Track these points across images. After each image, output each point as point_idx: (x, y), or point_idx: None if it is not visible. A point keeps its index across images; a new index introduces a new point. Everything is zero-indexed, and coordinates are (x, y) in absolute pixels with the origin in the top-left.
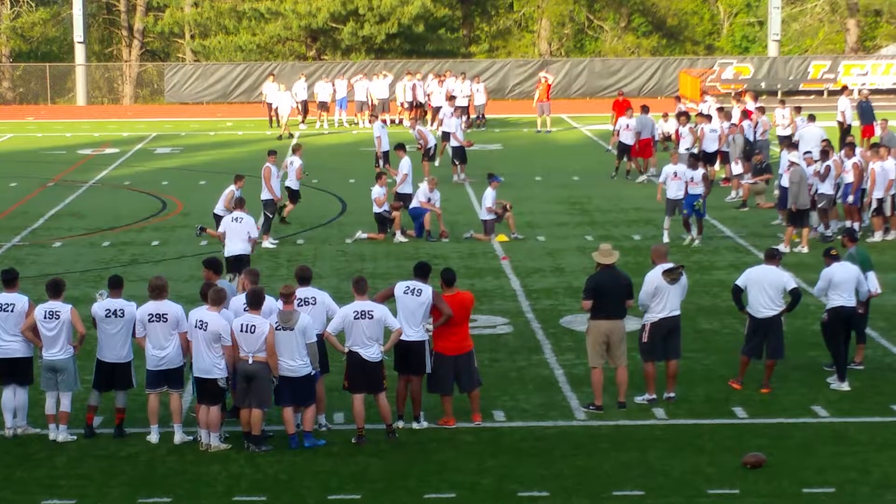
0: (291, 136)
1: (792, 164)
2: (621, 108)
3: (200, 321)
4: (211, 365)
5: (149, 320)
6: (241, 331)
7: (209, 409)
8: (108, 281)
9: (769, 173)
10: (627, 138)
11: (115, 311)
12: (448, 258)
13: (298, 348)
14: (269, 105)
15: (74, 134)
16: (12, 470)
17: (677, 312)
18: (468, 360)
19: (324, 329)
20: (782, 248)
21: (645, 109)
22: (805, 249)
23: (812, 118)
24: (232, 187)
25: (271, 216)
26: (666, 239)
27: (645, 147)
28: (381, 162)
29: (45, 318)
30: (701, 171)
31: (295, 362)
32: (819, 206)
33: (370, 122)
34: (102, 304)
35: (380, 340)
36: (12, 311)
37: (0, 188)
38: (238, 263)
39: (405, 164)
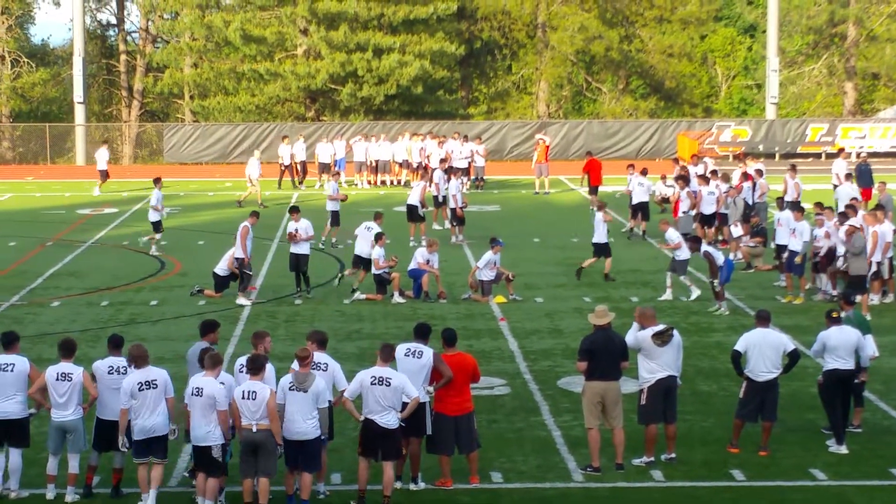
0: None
1: (854, 229)
2: (594, 167)
3: (197, 388)
4: (206, 432)
5: (139, 389)
6: (243, 398)
7: (206, 478)
8: (110, 340)
9: (763, 237)
10: (640, 196)
11: (118, 368)
12: (446, 319)
13: (310, 411)
14: (287, 166)
15: (73, 193)
16: None
17: (674, 373)
18: (469, 422)
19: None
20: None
21: (644, 172)
22: (868, 316)
23: (849, 176)
24: (246, 222)
25: (249, 272)
26: (669, 296)
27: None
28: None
29: (56, 379)
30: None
31: (305, 424)
32: (840, 266)
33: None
34: (105, 362)
35: (396, 408)
36: (12, 371)
37: None
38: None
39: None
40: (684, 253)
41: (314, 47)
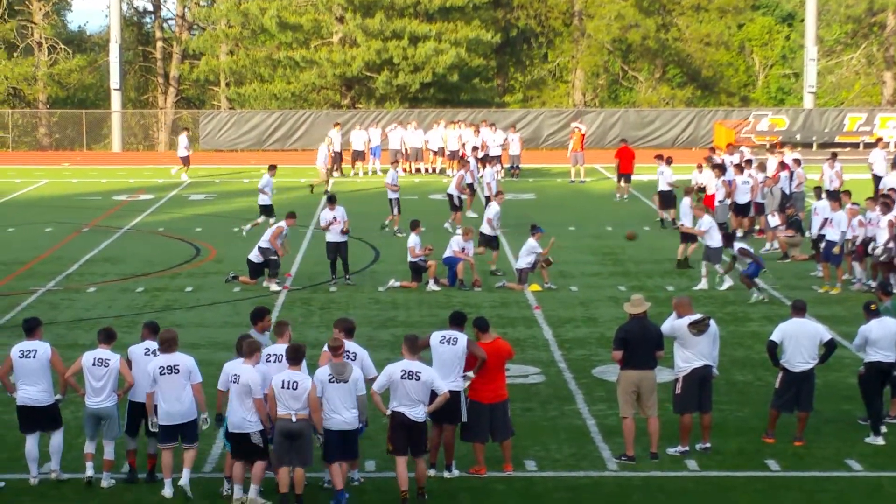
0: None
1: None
2: (626, 155)
3: (234, 375)
4: (242, 419)
5: (160, 373)
6: (283, 387)
7: (250, 465)
8: (146, 325)
9: (797, 228)
10: (660, 185)
11: (154, 350)
12: (481, 307)
13: (352, 400)
14: (339, 153)
15: (109, 180)
16: None
17: (710, 362)
18: (503, 410)
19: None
20: None
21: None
22: None
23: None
24: (282, 223)
25: (275, 258)
26: (704, 285)
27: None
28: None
29: (93, 364)
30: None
31: (350, 414)
32: (881, 258)
33: (390, 169)
34: (141, 345)
35: (425, 402)
36: (34, 357)
37: (35, 233)
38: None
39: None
40: (715, 241)
41: (350, 35)
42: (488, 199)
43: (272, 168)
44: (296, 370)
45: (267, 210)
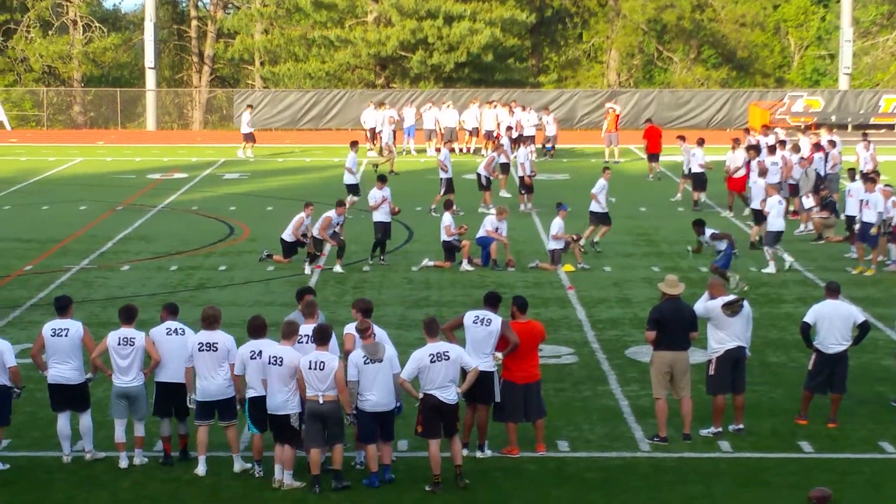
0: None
1: None
2: (654, 135)
3: (275, 357)
4: (284, 401)
5: (199, 349)
6: (310, 368)
7: (283, 447)
8: (165, 307)
9: (832, 209)
10: (698, 168)
11: (176, 329)
12: (514, 287)
13: (389, 380)
14: (372, 130)
15: (143, 158)
16: (77, 492)
17: (743, 343)
18: (537, 389)
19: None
20: None
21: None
22: None
23: None
24: (301, 214)
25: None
26: (773, 269)
27: (738, 183)
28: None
29: (118, 344)
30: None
31: (389, 395)
32: None
33: (442, 148)
34: (162, 326)
35: (456, 381)
36: (66, 336)
37: (70, 211)
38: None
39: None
40: (776, 224)
41: (385, 14)
42: (521, 178)
43: (354, 145)
44: (323, 350)
45: (353, 189)
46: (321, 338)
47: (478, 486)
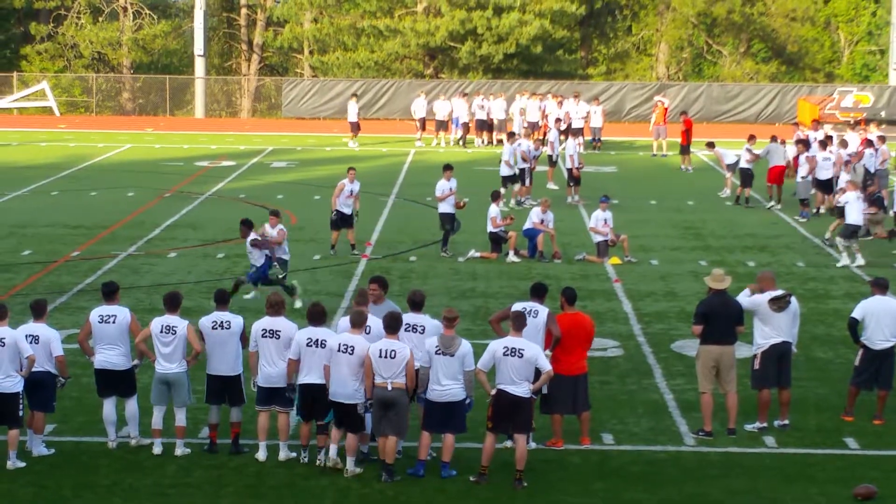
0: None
1: None
2: (689, 127)
3: (346, 345)
4: (354, 390)
5: (262, 335)
6: (381, 356)
7: (349, 435)
8: (214, 295)
9: (879, 206)
10: (749, 165)
11: (222, 323)
12: (560, 279)
13: (458, 374)
14: (422, 119)
15: (192, 146)
16: (122, 477)
17: (788, 339)
18: (585, 382)
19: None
20: None
21: (774, 138)
22: None
23: None
24: (344, 180)
25: (450, 229)
26: (861, 261)
27: (778, 175)
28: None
29: (161, 332)
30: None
31: (454, 386)
32: None
33: (511, 141)
34: (209, 318)
35: (529, 379)
36: (114, 322)
37: (117, 198)
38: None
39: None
40: (853, 217)
41: (434, 4)
42: (569, 170)
43: (511, 136)
44: (393, 339)
45: (512, 179)
46: (392, 326)
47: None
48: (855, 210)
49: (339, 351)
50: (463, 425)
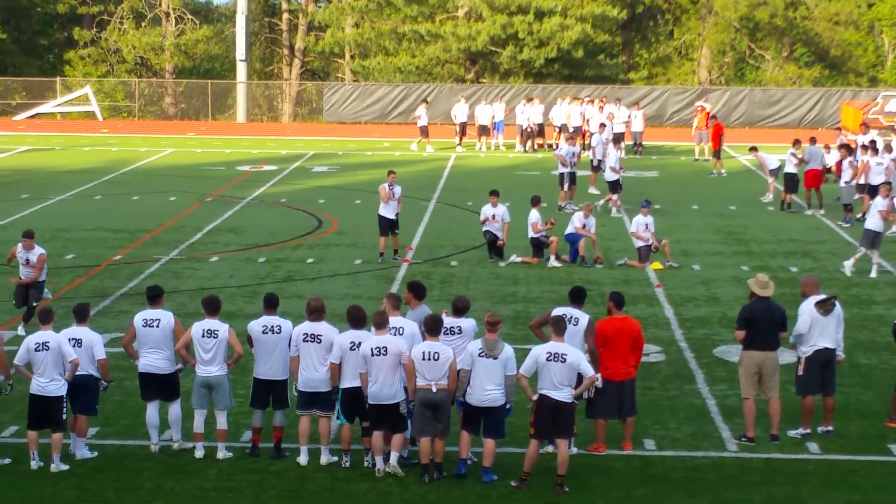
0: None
1: None
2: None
3: (378, 348)
4: (395, 390)
5: (303, 339)
6: (424, 359)
7: (392, 435)
8: (264, 299)
9: None
10: (795, 170)
11: (272, 327)
12: (602, 284)
13: (499, 378)
14: (462, 124)
15: (233, 150)
16: (164, 480)
17: (833, 345)
18: (631, 387)
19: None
20: None
21: (813, 140)
22: None
23: None
24: (384, 184)
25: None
26: (874, 274)
27: (814, 179)
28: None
29: (203, 335)
30: None
31: (495, 390)
32: None
33: (562, 143)
34: (259, 322)
35: (572, 384)
36: (157, 326)
37: (160, 202)
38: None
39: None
40: (872, 223)
41: (475, 9)
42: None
43: (618, 142)
44: (435, 341)
45: (615, 186)
46: (433, 328)
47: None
48: (874, 215)
49: (372, 355)
50: (502, 431)
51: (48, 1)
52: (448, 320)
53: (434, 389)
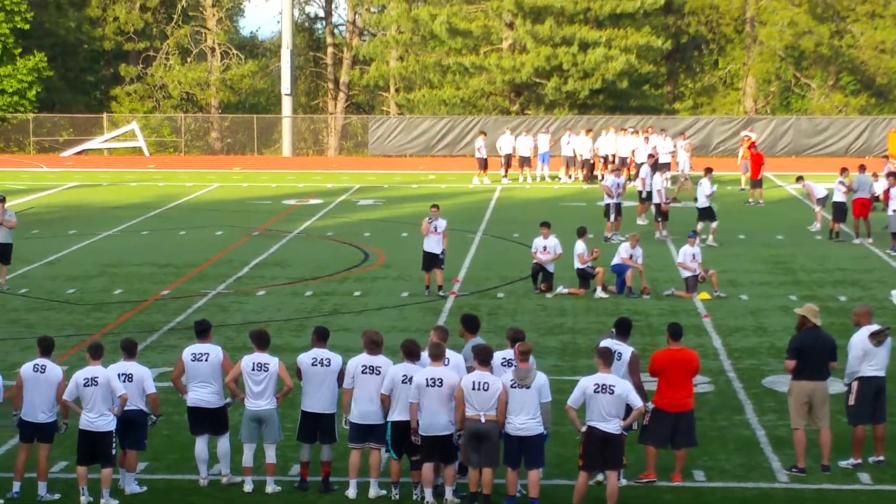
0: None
1: None
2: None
3: (433, 379)
4: (448, 421)
5: (361, 371)
6: (474, 389)
7: (445, 466)
8: (314, 331)
9: None
10: (843, 198)
11: (322, 360)
12: (649, 315)
13: (534, 407)
14: (507, 156)
15: (279, 184)
16: None
17: (883, 374)
18: (688, 419)
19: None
20: None
21: (862, 168)
22: None
23: None
24: (426, 218)
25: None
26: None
27: (862, 207)
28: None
29: (252, 369)
30: None
31: (529, 420)
32: None
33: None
34: (309, 354)
35: (620, 416)
36: (206, 360)
37: (207, 236)
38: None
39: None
40: None
41: (520, 41)
42: (658, 206)
43: (709, 171)
44: (486, 371)
45: (709, 214)
46: (484, 358)
47: None
48: None
49: (427, 386)
50: (541, 459)
51: (95, 38)
52: (503, 353)
53: (483, 420)
